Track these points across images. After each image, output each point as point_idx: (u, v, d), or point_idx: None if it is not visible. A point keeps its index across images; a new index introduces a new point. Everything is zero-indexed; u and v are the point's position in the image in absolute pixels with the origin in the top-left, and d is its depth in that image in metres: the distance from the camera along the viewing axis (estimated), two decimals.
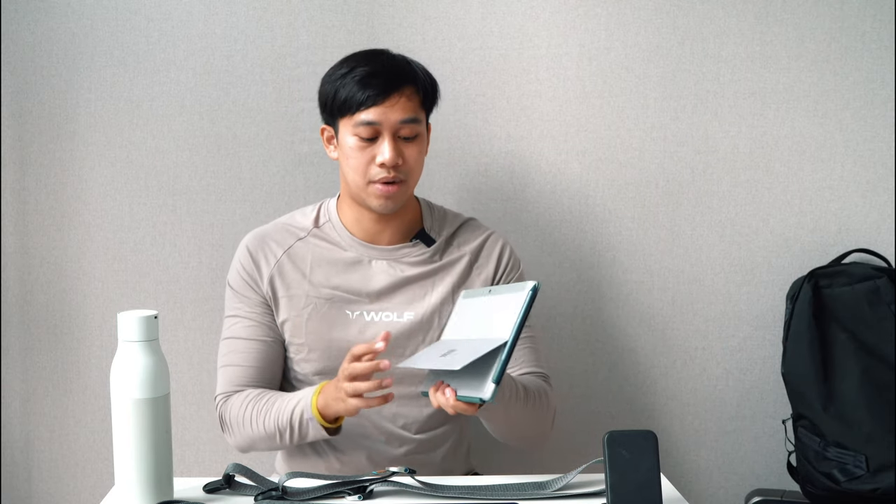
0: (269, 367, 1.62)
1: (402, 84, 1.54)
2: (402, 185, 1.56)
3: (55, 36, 1.94)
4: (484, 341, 1.27)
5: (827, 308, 1.90)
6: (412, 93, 1.55)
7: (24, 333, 1.99)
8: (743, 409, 2.04)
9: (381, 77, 1.53)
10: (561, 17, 1.96)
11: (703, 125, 1.99)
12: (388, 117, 1.53)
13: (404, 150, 1.55)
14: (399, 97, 1.53)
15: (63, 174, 1.97)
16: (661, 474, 1.21)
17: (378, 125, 1.53)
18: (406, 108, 1.54)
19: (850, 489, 1.85)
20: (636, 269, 2.02)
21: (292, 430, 1.51)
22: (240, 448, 1.60)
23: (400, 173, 1.55)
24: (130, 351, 1.22)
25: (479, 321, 1.35)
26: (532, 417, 1.53)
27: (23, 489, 2.02)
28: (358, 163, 1.55)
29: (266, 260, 1.62)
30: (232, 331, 1.62)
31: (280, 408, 1.52)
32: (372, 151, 1.54)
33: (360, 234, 1.63)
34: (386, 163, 1.52)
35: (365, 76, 1.53)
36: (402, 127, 1.54)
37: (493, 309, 1.33)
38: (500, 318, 1.28)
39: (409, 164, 1.56)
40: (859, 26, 1.97)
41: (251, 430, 1.55)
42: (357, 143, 1.54)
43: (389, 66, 1.56)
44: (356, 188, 1.58)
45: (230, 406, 1.58)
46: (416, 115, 1.55)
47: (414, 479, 1.33)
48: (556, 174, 2.00)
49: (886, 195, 2.00)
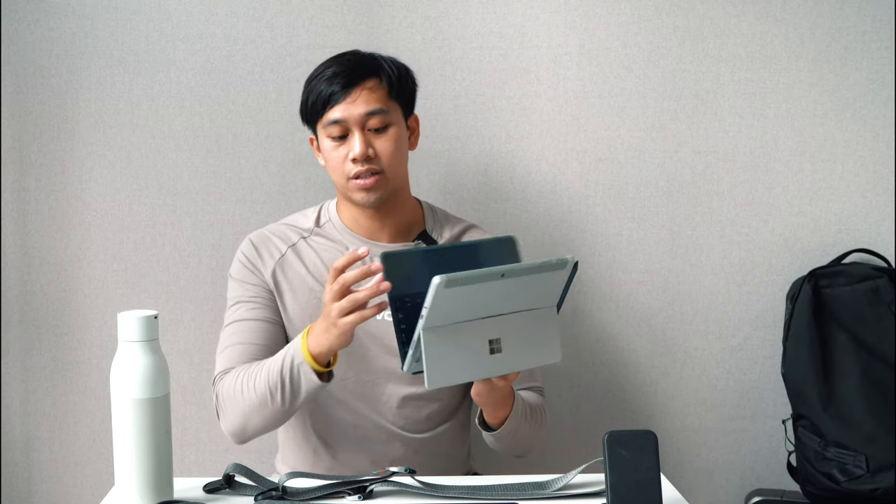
0: (272, 346, 1.57)
1: (363, 78, 1.56)
2: (381, 176, 1.56)
3: (55, 36, 1.94)
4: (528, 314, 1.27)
5: (827, 308, 1.90)
6: (375, 85, 1.56)
7: (24, 333, 1.99)
8: (743, 409, 2.04)
9: (342, 75, 1.56)
10: (561, 17, 1.96)
11: (703, 125, 1.99)
12: (352, 112, 1.54)
13: (375, 143, 1.56)
14: (360, 90, 1.55)
15: (63, 174, 1.97)
16: (661, 474, 1.21)
17: (345, 122, 1.55)
18: (369, 100, 1.55)
19: (850, 489, 1.85)
20: (636, 269, 2.02)
21: (283, 384, 1.44)
22: (233, 432, 1.53)
23: (374, 165, 1.55)
24: (130, 351, 1.22)
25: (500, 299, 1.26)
26: (533, 434, 1.57)
27: (23, 489, 2.02)
28: (335, 163, 1.57)
29: (270, 253, 1.63)
30: (234, 315, 1.60)
31: (270, 364, 1.46)
32: (345, 149, 1.56)
33: (360, 232, 1.63)
34: (356, 157, 1.54)
35: (328, 77, 1.56)
36: (367, 119, 1.55)
37: (515, 286, 1.26)
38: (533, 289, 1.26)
39: (382, 157, 1.56)
40: (859, 26, 1.97)
41: (242, 398, 1.48)
42: (331, 143, 1.57)
43: (351, 62, 1.58)
44: (341, 188, 1.60)
45: (225, 382, 1.53)
46: (383, 105, 1.56)
47: (414, 479, 1.33)
48: (556, 174, 2.00)
49: (886, 195, 2.00)
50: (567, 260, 1.25)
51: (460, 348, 1.23)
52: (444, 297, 1.18)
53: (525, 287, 1.24)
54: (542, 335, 1.29)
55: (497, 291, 1.22)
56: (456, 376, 1.25)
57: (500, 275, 1.21)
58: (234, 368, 1.55)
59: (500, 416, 1.47)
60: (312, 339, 1.41)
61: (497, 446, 1.55)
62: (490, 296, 1.22)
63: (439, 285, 1.17)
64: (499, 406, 1.45)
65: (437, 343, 1.22)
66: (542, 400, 1.64)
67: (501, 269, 1.21)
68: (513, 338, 1.27)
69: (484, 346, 1.25)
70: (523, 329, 1.27)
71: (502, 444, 1.53)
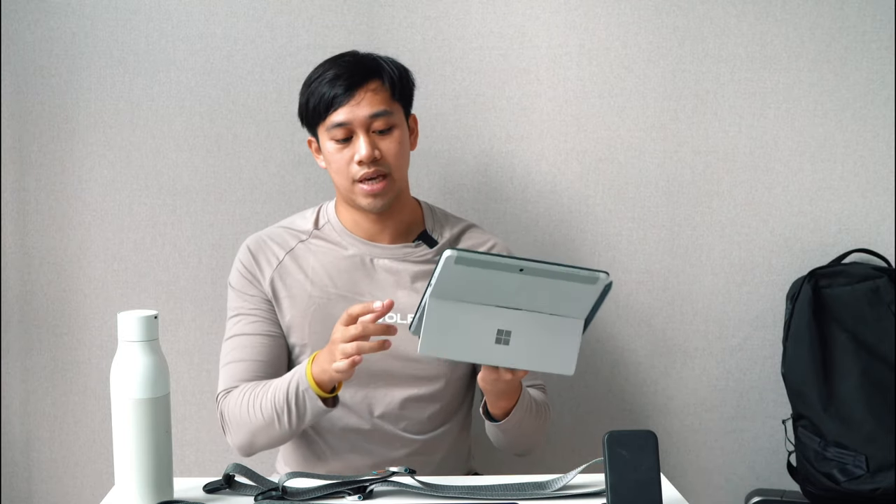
0: (273, 361, 1.59)
1: (366, 80, 1.56)
2: (387, 179, 1.56)
3: (55, 36, 1.94)
4: (553, 319, 1.24)
5: (827, 308, 1.90)
6: (378, 86, 1.57)
7: (24, 333, 1.99)
8: (743, 409, 2.04)
9: (344, 77, 1.55)
10: (561, 17, 1.96)
11: (703, 125, 1.99)
12: (357, 114, 1.54)
13: (380, 144, 1.56)
14: (364, 93, 1.55)
15: (63, 174, 1.97)
16: (661, 474, 1.21)
17: (349, 124, 1.55)
18: (373, 101, 1.55)
19: (850, 489, 1.85)
20: (636, 269, 2.02)
21: (289, 408, 1.46)
22: (241, 447, 1.57)
23: (381, 167, 1.56)
24: (130, 351, 1.22)
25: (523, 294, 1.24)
26: (537, 429, 1.57)
27: (23, 489, 2.02)
28: (339, 165, 1.57)
29: (268, 261, 1.62)
30: (235, 329, 1.61)
31: (276, 387, 1.49)
32: (350, 152, 1.56)
33: (360, 234, 1.63)
34: (363, 159, 1.54)
35: (329, 80, 1.56)
36: (373, 121, 1.55)
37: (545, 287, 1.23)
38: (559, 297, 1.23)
39: (388, 158, 1.56)
40: (859, 26, 1.97)
41: (249, 419, 1.51)
42: (334, 146, 1.57)
43: (352, 64, 1.58)
44: (344, 191, 1.59)
45: (229, 401, 1.55)
46: (387, 107, 1.56)
47: (414, 479, 1.33)
48: (556, 174, 2.00)
49: (886, 195, 2.00)
50: (598, 277, 1.20)
51: (465, 326, 1.23)
52: (455, 273, 1.17)
53: (548, 290, 1.21)
54: (558, 343, 1.26)
55: (516, 285, 1.20)
56: (452, 351, 1.25)
57: (518, 269, 1.19)
58: (237, 387, 1.56)
59: (505, 407, 1.47)
60: (317, 366, 1.44)
61: (501, 441, 1.55)
62: (508, 286, 1.20)
63: (448, 258, 1.16)
64: (504, 396, 1.44)
65: (440, 311, 1.22)
66: (545, 397, 1.64)
67: (520, 265, 1.18)
68: (524, 335, 1.24)
69: (490, 333, 1.24)
70: (539, 331, 1.25)
71: (507, 437, 1.52)
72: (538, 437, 1.59)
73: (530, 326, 1.24)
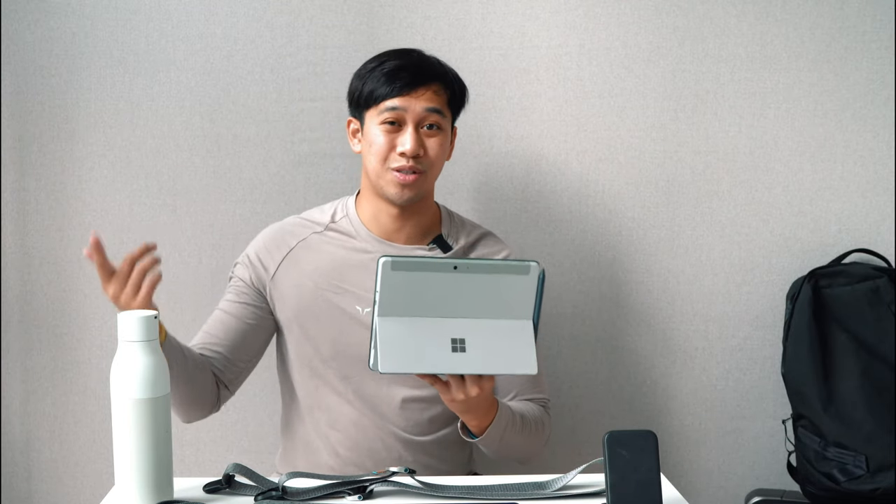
0: (229, 345, 1.61)
1: (430, 79, 1.58)
2: (421, 176, 1.57)
3: (55, 36, 1.94)
4: (502, 323, 1.25)
5: (827, 308, 1.90)
6: (439, 88, 1.59)
7: (24, 333, 1.99)
8: (743, 409, 2.04)
9: (410, 70, 1.57)
10: (561, 17, 1.96)
11: (703, 125, 1.99)
12: (413, 106, 1.56)
13: (426, 142, 1.57)
14: (426, 90, 1.57)
15: (63, 174, 1.97)
16: (661, 474, 1.21)
17: (403, 111, 1.56)
18: (432, 99, 1.57)
19: (850, 489, 1.85)
20: (636, 269, 2.02)
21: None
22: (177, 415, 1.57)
23: (420, 164, 1.57)
24: (130, 351, 1.22)
25: (461, 299, 1.26)
26: (526, 445, 1.55)
27: (23, 489, 2.02)
28: (380, 148, 1.57)
29: (278, 248, 1.64)
30: (222, 302, 1.66)
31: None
32: (395, 139, 1.56)
33: (376, 231, 1.63)
34: (407, 152, 1.55)
35: (394, 69, 1.57)
36: (426, 116, 1.56)
37: (477, 286, 1.26)
38: (501, 297, 1.25)
39: (430, 157, 1.58)
40: (859, 26, 1.97)
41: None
42: (381, 128, 1.57)
43: (419, 61, 1.60)
44: (375, 175, 1.58)
45: None
46: (442, 108, 1.58)
47: (414, 479, 1.33)
48: (556, 174, 2.00)
49: (886, 195, 2.00)
50: (530, 266, 1.24)
51: (419, 340, 1.24)
52: (394, 281, 1.19)
53: (487, 289, 1.24)
54: (514, 345, 1.28)
55: (456, 287, 1.23)
56: (413, 365, 1.26)
57: (452, 267, 1.21)
58: None
59: (479, 425, 1.45)
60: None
61: (490, 453, 1.53)
62: (449, 291, 1.23)
63: (385, 264, 1.19)
64: (472, 413, 1.42)
65: (390, 329, 1.23)
66: (542, 412, 1.61)
67: (454, 262, 1.21)
68: (478, 341, 1.26)
69: (445, 343, 1.26)
70: (493, 336, 1.27)
71: (490, 450, 1.51)
72: (530, 451, 1.58)
73: (482, 332, 1.27)
